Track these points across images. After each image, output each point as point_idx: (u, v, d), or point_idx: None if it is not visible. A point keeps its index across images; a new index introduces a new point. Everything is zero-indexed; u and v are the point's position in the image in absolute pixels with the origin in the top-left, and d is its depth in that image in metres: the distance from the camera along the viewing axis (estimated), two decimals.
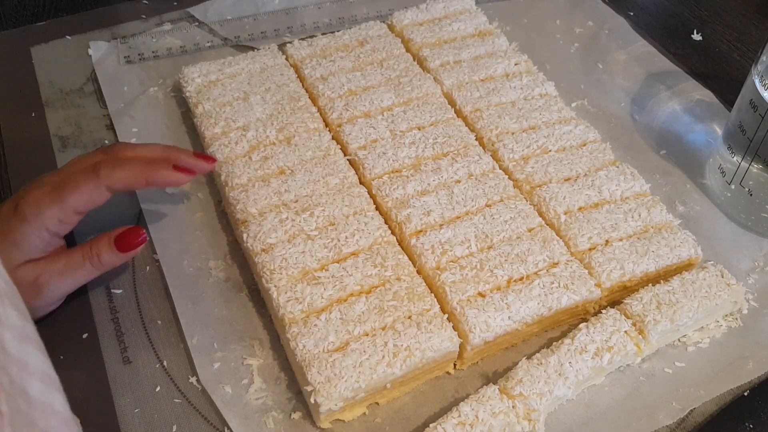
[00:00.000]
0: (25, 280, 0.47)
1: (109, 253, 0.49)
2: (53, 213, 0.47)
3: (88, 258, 0.49)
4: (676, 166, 0.65)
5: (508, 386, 0.46)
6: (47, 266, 0.48)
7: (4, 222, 0.47)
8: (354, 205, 0.55)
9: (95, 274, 0.50)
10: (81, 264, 0.49)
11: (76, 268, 0.49)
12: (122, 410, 0.47)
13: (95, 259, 0.49)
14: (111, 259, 0.50)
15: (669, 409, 0.48)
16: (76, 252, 0.49)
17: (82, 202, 0.49)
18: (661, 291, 0.51)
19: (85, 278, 0.50)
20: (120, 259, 0.50)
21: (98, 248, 0.49)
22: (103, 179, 0.49)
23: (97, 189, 0.49)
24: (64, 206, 0.48)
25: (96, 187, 0.49)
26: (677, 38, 0.79)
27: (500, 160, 0.60)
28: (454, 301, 0.49)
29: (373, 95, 0.64)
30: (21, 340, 0.33)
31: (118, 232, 0.50)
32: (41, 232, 0.47)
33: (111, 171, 0.49)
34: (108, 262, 0.50)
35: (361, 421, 0.48)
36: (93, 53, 0.72)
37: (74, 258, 0.49)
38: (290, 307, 0.48)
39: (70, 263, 0.49)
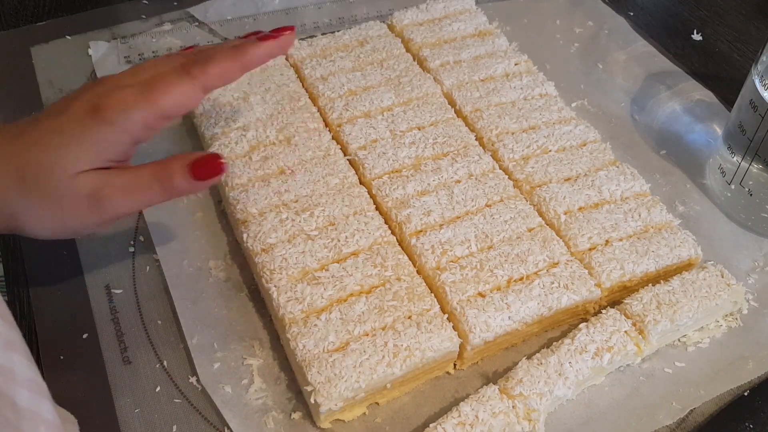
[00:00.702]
0: (84, 191, 0.42)
1: (181, 178, 0.44)
2: (142, 116, 0.43)
3: (158, 179, 0.44)
4: (676, 166, 0.65)
5: (508, 386, 0.46)
6: (112, 179, 0.43)
7: (73, 122, 0.42)
8: (354, 205, 0.55)
9: (161, 200, 0.45)
10: (150, 184, 0.44)
11: (143, 188, 0.44)
12: (122, 410, 0.47)
13: (166, 182, 0.44)
14: (182, 185, 0.44)
15: (669, 409, 0.48)
16: (146, 171, 0.44)
17: (176, 105, 0.44)
18: (661, 291, 0.51)
19: (149, 201, 0.45)
20: (193, 188, 0.45)
21: (171, 170, 0.44)
22: (198, 77, 0.44)
23: (193, 90, 0.44)
24: (156, 109, 0.43)
25: (192, 88, 0.44)
26: (677, 38, 0.79)
27: (500, 160, 0.60)
28: (454, 301, 0.49)
29: (373, 95, 0.64)
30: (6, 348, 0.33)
31: (194, 156, 0.45)
32: (123, 137, 0.43)
33: (204, 67, 0.44)
34: (180, 188, 0.44)
35: (361, 421, 0.48)
36: (93, 53, 0.72)
37: (143, 176, 0.44)
38: (290, 307, 0.48)
39: (138, 181, 0.44)
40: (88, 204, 0.43)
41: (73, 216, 0.43)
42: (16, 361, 0.33)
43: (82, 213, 0.43)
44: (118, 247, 0.56)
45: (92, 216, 0.44)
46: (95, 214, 0.44)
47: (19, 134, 0.43)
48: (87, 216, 0.43)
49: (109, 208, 0.44)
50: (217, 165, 0.45)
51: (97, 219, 0.44)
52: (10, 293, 0.54)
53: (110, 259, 0.56)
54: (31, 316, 0.52)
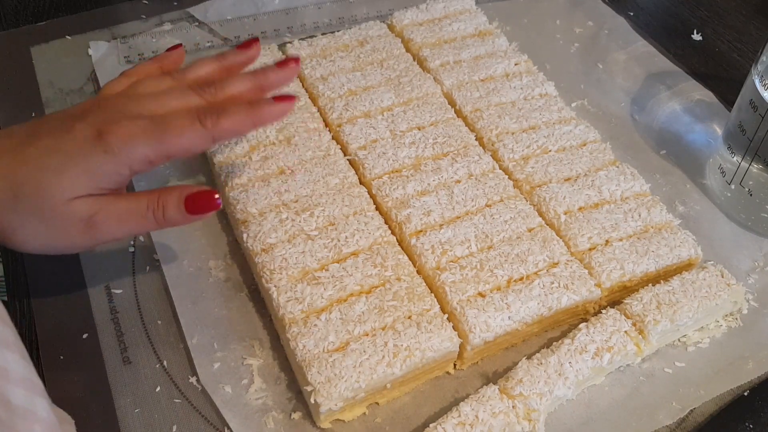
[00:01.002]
0: (78, 215, 0.43)
1: (175, 211, 0.45)
2: (146, 152, 0.43)
3: (152, 209, 0.44)
4: (676, 166, 0.65)
5: (508, 386, 0.46)
6: (107, 205, 0.43)
7: (74, 146, 0.42)
8: (354, 205, 0.55)
9: (153, 229, 0.46)
10: (143, 213, 0.44)
11: (137, 217, 0.44)
12: (122, 410, 0.47)
13: (159, 213, 0.45)
14: (176, 218, 0.45)
15: (669, 409, 0.48)
16: (141, 199, 0.45)
17: (182, 149, 0.44)
18: (661, 291, 0.51)
19: (142, 230, 0.46)
20: (185, 220, 0.46)
21: (165, 202, 0.45)
22: (211, 130, 0.44)
23: (203, 139, 0.44)
24: (161, 149, 0.43)
25: (202, 137, 0.44)
26: (677, 38, 0.79)
27: (500, 160, 0.60)
28: (454, 301, 0.49)
29: (373, 95, 0.64)
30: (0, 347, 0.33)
31: (190, 191, 0.45)
32: (123, 169, 0.43)
33: (218, 120, 0.45)
34: (172, 220, 0.45)
35: (361, 421, 0.48)
36: (93, 53, 0.72)
37: (138, 205, 0.44)
38: (290, 307, 0.48)
39: (132, 209, 0.44)
40: (81, 227, 0.43)
41: (65, 237, 0.44)
42: (9, 360, 0.33)
43: (74, 235, 0.44)
44: (118, 247, 0.56)
45: (84, 239, 0.44)
46: (87, 238, 0.44)
47: (16, 148, 0.43)
48: (78, 238, 0.44)
49: (102, 233, 0.44)
50: (212, 201, 0.45)
51: (89, 242, 0.45)
52: (10, 293, 0.54)
53: (110, 259, 0.56)
54: (31, 316, 0.52)
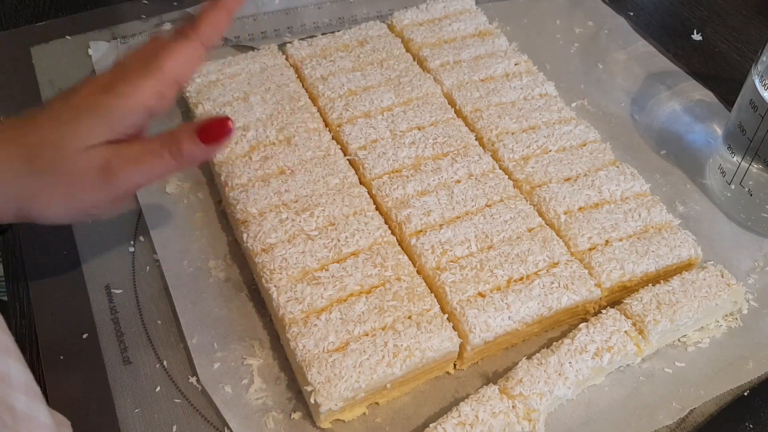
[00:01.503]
0: (94, 164, 0.42)
1: (191, 143, 0.44)
2: (152, 84, 0.43)
3: (167, 146, 0.43)
4: (676, 166, 0.65)
5: (508, 386, 0.46)
6: (121, 150, 0.43)
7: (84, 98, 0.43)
8: (354, 205, 0.55)
9: (173, 168, 0.45)
10: (159, 152, 0.43)
11: (153, 156, 0.43)
12: (122, 410, 0.47)
13: (175, 149, 0.43)
14: (192, 151, 0.44)
15: (669, 409, 0.48)
16: (155, 140, 0.44)
17: (182, 66, 0.44)
18: (661, 291, 0.51)
19: (161, 171, 0.45)
20: (203, 152, 0.45)
21: (179, 138, 0.44)
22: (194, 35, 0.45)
23: (193, 48, 0.44)
24: (164, 75, 0.43)
25: (192, 46, 0.44)
26: (677, 38, 0.79)
27: (500, 160, 0.60)
28: (454, 301, 0.49)
29: (373, 95, 0.64)
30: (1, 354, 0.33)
31: (202, 122, 0.44)
32: (136, 107, 0.43)
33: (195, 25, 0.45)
34: (189, 154, 0.44)
35: (361, 421, 0.48)
36: (93, 53, 0.72)
37: (152, 145, 0.44)
38: (290, 307, 0.48)
39: (147, 150, 0.43)
40: (99, 177, 0.42)
41: (86, 192, 0.43)
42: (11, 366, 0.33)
43: (95, 188, 0.43)
44: (118, 247, 0.56)
45: (104, 190, 0.43)
46: (107, 188, 0.43)
47: (29, 117, 0.43)
48: (99, 191, 0.43)
49: (121, 180, 0.43)
50: (225, 127, 0.44)
51: (110, 193, 0.44)
52: (10, 293, 0.54)
53: (110, 259, 0.56)
54: (31, 316, 0.52)
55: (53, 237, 0.56)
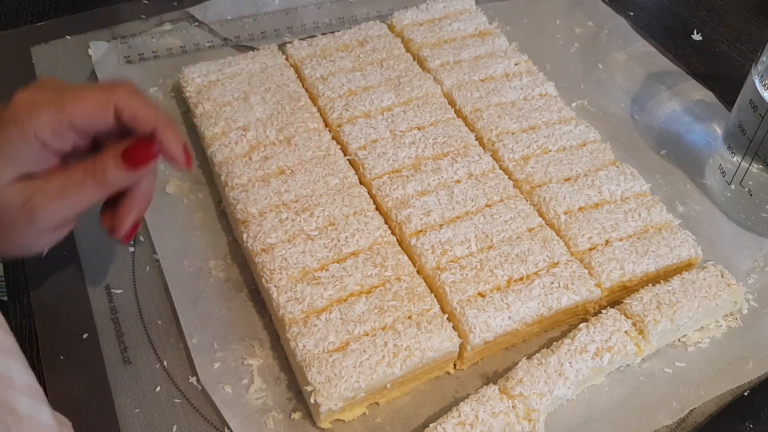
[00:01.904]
0: (15, 202, 0.41)
1: (115, 169, 0.42)
2: (46, 118, 0.41)
3: (90, 175, 0.42)
4: (676, 166, 0.65)
5: (508, 386, 0.46)
6: (41, 186, 0.41)
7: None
8: (354, 205, 0.55)
9: (100, 196, 0.43)
10: (82, 183, 0.42)
11: (76, 188, 0.42)
12: (122, 410, 0.47)
13: (99, 176, 0.42)
14: (118, 177, 0.42)
15: (669, 409, 0.48)
16: (77, 169, 0.42)
17: (84, 116, 0.41)
18: (661, 291, 0.51)
19: (88, 200, 0.43)
20: (128, 177, 0.43)
21: (103, 163, 0.42)
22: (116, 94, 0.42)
23: (105, 105, 0.42)
24: (62, 114, 0.41)
25: (105, 103, 0.42)
26: (677, 38, 0.79)
27: (500, 160, 0.60)
28: (454, 301, 0.49)
29: (373, 95, 0.64)
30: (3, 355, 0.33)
31: (126, 145, 0.43)
32: (29, 139, 0.40)
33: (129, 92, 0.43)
34: (114, 180, 0.42)
35: (361, 421, 0.48)
36: (93, 53, 0.72)
37: (74, 176, 0.42)
38: (290, 307, 0.48)
39: (69, 181, 0.42)
40: (23, 214, 0.41)
41: (14, 229, 0.42)
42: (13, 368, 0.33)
43: (21, 225, 0.42)
44: (118, 247, 0.56)
45: (31, 226, 0.42)
46: (33, 224, 0.42)
47: None
48: (26, 227, 0.42)
49: (45, 216, 0.42)
50: (149, 151, 0.43)
51: (37, 228, 0.42)
52: (10, 293, 0.54)
53: (110, 259, 0.56)
54: (31, 316, 0.52)
55: None
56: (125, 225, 0.45)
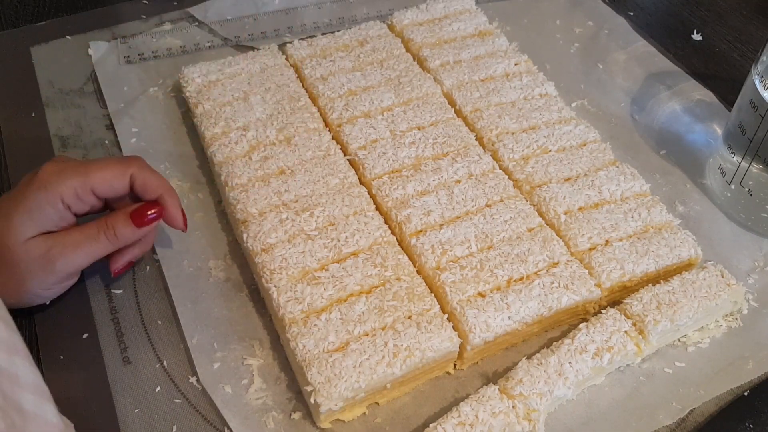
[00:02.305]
0: (36, 253, 0.47)
1: (124, 227, 0.49)
2: (72, 184, 0.47)
3: (103, 231, 0.49)
4: (676, 166, 0.65)
5: (508, 386, 0.46)
6: (60, 239, 0.48)
7: (22, 191, 0.47)
8: (354, 205, 0.55)
9: (111, 249, 0.50)
10: (96, 237, 0.49)
11: (90, 241, 0.49)
12: (122, 410, 0.47)
13: (110, 232, 0.49)
14: (126, 233, 0.50)
15: (669, 409, 0.48)
16: (92, 225, 0.49)
17: (105, 182, 0.49)
18: (661, 291, 0.51)
19: (99, 252, 0.50)
20: (135, 234, 0.50)
21: (114, 221, 0.49)
22: (132, 167, 0.50)
23: (123, 174, 0.49)
24: (86, 181, 0.48)
25: (123, 173, 0.49)
26: (677, 38, 0.79)
27: (500, 160, 0.60)
28: (454, 301, 0.49)
29: (373, 95, 0.64)
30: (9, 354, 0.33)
31: (134, 207, 0.50)
32: (56, 202, 0.47)
33: (142, 165, 0.51)
34: (123, 236, 0.50)
35: (361, 421, 0.48)
36: (93, 53, 0.72)
37: (89, 231, 0.49)
38: (290, 307, 0.48)
39: (84, 235, 0.49)
40: (42, 265, 0.47)
41: (33, 279, 0.47)
42: (19, 366, 0.33)
43: (38, 274, 0.47)
44: None
45: (47, 275, 0.48)
46: (50, 273, 0.48)
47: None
48: (43, 276, 0.48)
49: (62, 264, 0.48)
50: (154, 211, 0.50)
51: (53, 277, 0.48)
52: None
53: None
54: (31, 316, 0.52)
55: None
56: (120, 263, 0.52)
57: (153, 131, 0.66)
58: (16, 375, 0.33)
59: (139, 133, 0.65)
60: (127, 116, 0.66)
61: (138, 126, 0.66)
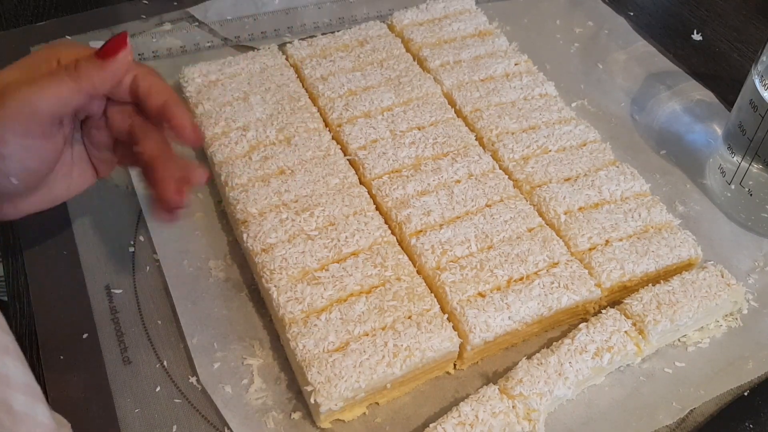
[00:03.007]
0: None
1: (87, 61, 0.44)
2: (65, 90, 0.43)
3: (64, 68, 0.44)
4: (676, 166, 0.65)
5: (508, 386, 0.46)
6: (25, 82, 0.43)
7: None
8: (354, 205, 0.55)
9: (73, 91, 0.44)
10: (56, 74, 0.44)
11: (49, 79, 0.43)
12: (122, 410, 0.47)
13: (71, 67, 0.44)
14: (89, 68, 0.44)
15: (669, 409, 0.48)
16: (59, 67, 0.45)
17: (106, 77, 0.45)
18: (661, 291, 0.51)
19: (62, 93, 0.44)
20: (100, 70, 0.44)
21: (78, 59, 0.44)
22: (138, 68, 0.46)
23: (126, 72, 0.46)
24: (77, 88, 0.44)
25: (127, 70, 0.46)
26: (677, 38, 0.79)
27: (500, 160, 0.60)
28: (454, 301, 0.49)
29: (373, 95, 0.64)
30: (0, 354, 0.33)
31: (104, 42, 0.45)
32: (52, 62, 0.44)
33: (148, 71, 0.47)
34: (87, 73, 0.44)
35: (361, 421, 0.48)
36: None
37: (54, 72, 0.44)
38: (290, 307, 0.48)
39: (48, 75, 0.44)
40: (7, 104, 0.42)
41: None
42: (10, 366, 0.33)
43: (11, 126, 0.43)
44: (118, 247, 0.56)
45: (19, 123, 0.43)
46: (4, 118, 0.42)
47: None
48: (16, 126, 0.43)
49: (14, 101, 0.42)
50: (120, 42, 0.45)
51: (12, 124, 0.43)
52: (10, 293, 0.54)
53: (110, 259, 0.56)
54: (31, 316, 0.52)
55: (53, 237, 0.56)
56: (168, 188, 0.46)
57: None
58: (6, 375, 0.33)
59: None
60: None
61: None
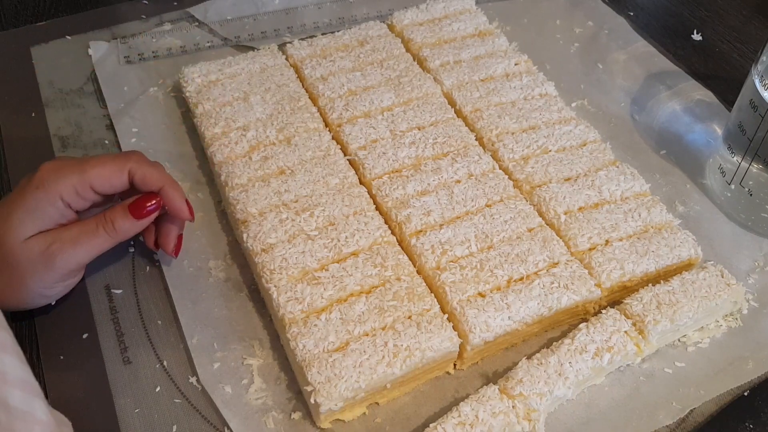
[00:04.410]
0: (36, 251, 0.47)
1: (123, 220, 0.49)
2: (71, 182, 0.47)
3: (102, 225, 0.49)
4: (676, 166, 0.65)
5: (508, 386, 0.46)
6: (59, 235, 0.48)
7: (21, 191, 0.47)
8: (354, 205, 0.55)
9: (111, 243, 0.50)
10: (95, 231, 0.49)
11: (90, 236, 0.48)
12: (122, 410, 0.47)
13: (109, 226, 0.49)
14: (125, 226, 0.50)
15: (669, 409, 0.48)
16: (91, 221, 0.49)
17: (102, 179, 0.49)
18: (661, 291, 0.51)
19: (99, 247, 0.49)
20: (135, 226, 0.50)
21: (113, 215, 0.49)
22: (130, 162, 0.49)
23: (120, 170, 0.49)
24: (84, 178, 0.48)
25: (120, 168, 0.49)
26: (677, 38, 0.79)
27: (500, 160, 0.60)
28: (454, 301, 0.49)
29: (373, 95, 0.64)
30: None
31: (132, 200, 0.50)
32: (56, 201, 0.47)
33: (140, 160, 0.50)
34: (123, 229, 0.49)
35: (361, 421, 0.48)
36: (93, 53, 0.72)
37: (88, 226, 0.49)
38: (290, 307, 0.48)
39: (84, 231, 0.48)
40: (42, 262, 0.47)
41: (32, 277, 0.47)
42: (6, 362, 0.33)
43: (39, 272, 0.47)
44: (118, 247, 0.56)
45: (48, 272, 0.47)
46: (51, 270, 0.47)
47: None
48: (44, 274, 0.47)
49: (62, 260, 0.47)
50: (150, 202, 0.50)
51: (54, 274, 0.48)
52: None
53: (110, 259, 0.55)
54: (31, 316, 0.52)
55: None
56: (172, 244, 0.53)
57: (153, 131, 0.66)
58: (3, 372, 0.33)
59: (139, 133, 0.65)
60: (127, 116, 0.66)
61: (138, 126, 0.66)
